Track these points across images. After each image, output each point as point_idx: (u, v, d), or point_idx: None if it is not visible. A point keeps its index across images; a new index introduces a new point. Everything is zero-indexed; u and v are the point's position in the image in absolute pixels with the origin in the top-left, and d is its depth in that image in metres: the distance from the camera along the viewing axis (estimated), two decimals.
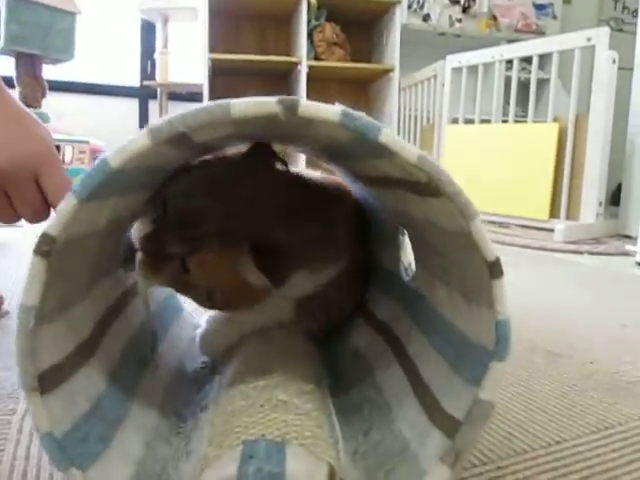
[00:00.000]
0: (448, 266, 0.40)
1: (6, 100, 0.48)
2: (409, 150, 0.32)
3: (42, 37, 2.19)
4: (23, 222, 0.51)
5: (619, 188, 2.24)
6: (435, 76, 2.70)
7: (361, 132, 0.32)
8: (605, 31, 1.96)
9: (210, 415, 0.42)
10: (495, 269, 0.32)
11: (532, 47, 2.22)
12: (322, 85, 2.87)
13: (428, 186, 0.33)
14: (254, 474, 0.33)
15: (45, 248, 0.32)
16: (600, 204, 1.99)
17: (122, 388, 0.42)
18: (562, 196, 2.04)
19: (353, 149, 0.37)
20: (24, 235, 1.48)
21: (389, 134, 0.32)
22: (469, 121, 2.46)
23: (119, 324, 0.47)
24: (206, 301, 0.48)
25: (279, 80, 2.92)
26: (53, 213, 0.37)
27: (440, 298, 0.42)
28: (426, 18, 3.30)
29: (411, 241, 0.50)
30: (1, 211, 0.49)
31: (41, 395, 0.32)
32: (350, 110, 0.32)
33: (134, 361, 0.47)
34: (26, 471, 0.43)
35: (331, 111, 0.32)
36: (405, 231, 0.52)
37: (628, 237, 2.00)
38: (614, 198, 2.35)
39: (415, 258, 0.50)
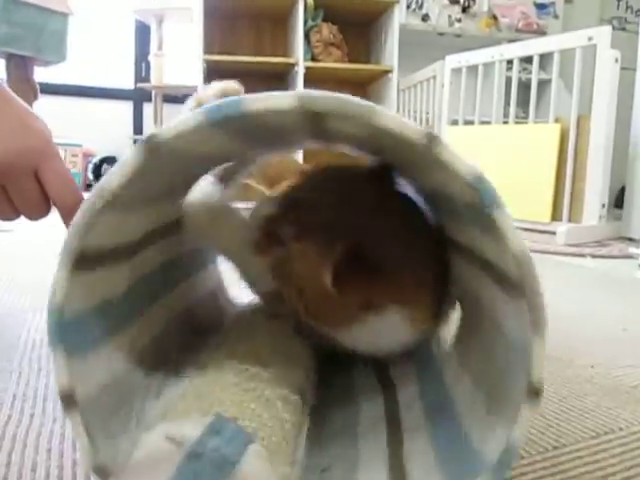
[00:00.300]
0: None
1: (2, 94, 0.48)
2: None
3: (34, 38, 2.19)
4: (11, 226, 0.50)
5: (623, 190, 2.24)
6: (434, 77, 2.70)
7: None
8: (607, 30, 1.97)
9: (193, 371, 0.42)
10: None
11: (532, 47, 2.22)
12: (319, 86, 2.84)
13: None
14: (210, 451, 0.33)
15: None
16: (603, 206, 1.99)
17: (136, 303, 0.44)
18: (564, 198, 2.04)
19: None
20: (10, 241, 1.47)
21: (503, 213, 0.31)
22: (469, 122, 2.46)
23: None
24: (298, 301, 0.46)
25: (275, 81, 2.92)
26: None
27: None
28: (425, 18, 3.32)
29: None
30: (0, 207, 0.48)
31: (71, 271, 0.33)
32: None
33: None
34: (7, 478, 0.43)
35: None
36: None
37: (631, 240, 2.00)
38: (618, 201, 2.35)
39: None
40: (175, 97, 3.23)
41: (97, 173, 2.99)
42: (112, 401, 0.37)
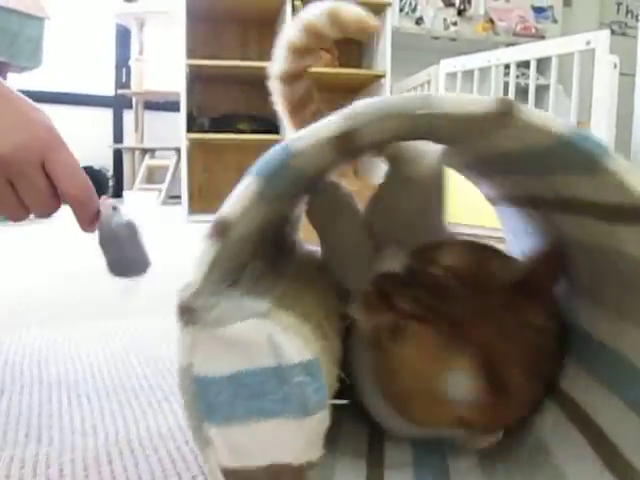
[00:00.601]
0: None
1: (2, 89, 0.48)
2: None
3: (9, 43, 2.14)
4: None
5: None
6: (429, 82, 2.66)
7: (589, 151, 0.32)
8: (605, 34, 1.93)
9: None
10: None
11: (529, 51, 2.18)
12: None
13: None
14: (295, 385, 0.33)
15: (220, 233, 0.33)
16: None
17: None
18: None
19: (551, 161, 0.36)
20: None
21: (618, 158, 0.32)
22: None
23: None
24: (389, 383, 0.41)
25: (262, 87, 2.86)
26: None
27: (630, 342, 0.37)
28: (419, 21, 3.28)
29: (578, 277, 0.44)
30: (9, 205, 0.48)
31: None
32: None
33: None
34: None
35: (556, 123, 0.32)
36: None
37: None
38: None
39: (587, 296, 0.43)
40: (157, 104, 3.16)
41: None
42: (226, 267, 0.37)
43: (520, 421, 0.42)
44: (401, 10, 3.23)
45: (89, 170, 0.48)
